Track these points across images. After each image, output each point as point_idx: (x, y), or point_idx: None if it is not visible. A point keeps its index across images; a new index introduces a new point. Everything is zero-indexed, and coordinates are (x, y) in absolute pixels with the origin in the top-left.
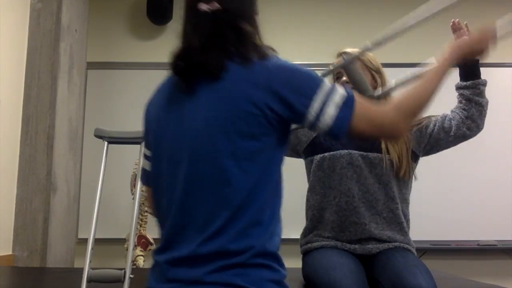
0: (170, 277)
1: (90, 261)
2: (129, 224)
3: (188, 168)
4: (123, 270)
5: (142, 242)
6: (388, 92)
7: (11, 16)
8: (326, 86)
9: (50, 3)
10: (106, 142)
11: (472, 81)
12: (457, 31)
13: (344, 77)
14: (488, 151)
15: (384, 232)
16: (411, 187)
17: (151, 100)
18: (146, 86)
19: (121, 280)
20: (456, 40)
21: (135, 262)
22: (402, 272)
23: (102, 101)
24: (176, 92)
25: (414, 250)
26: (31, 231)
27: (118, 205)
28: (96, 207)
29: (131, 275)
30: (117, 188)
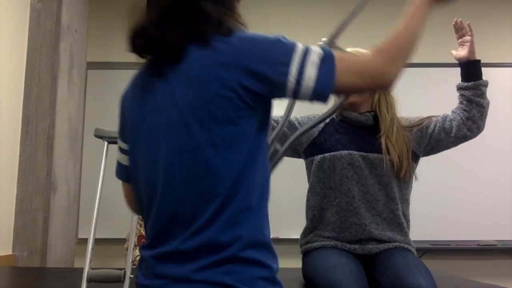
0: (158, 273)
1: (90, 261)
2: (129, 224)
3: (167, 162)
4: (123, 270)
5: (142, 242)
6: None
7: (11, 16)
8: (300, 48)
9: (50, 3)
10: (106, 142)
11: (474, 82)
12: (460, 31)
13: None
14: (488, 151)
15: (385, 233)
16: (412, 187)
17: (126, 91)
18: None
19: (121, 280)
20: (458, 40)
21: (135, 262)
22: (402, 272)
23: (102, 101)
24: (148, 79)
25: (414, 250)
26: (31, 231)
27: (118, 205)
28: (96, 207)
29: (131, 275)
30: (117, 188)
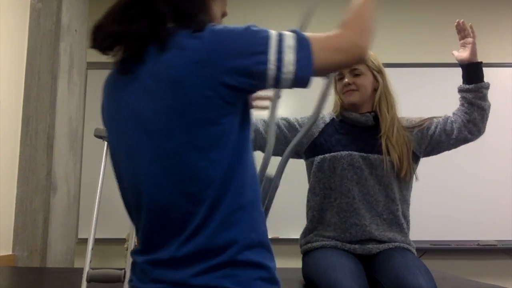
0: (155, 277)
1: (90, 261)
2: (129, 224)
3: (150, 170)
4: (123, 270)
5: None
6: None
7: (11, 16)
8: (274, 34)
9: (50, 3)
10: (106, 142)
11: (475, 85)
12: (462, 32)
13: (347, 79)
14: (488, 151)
15: (385, 234)
16: (412, 188)
17: (102, 92)
18: None
19: (121, 280)
20: (460, 41)
21: None
22: (402, 272)
23: None
24: (121, 80)
25: (414, 250)
26: (31, 231)
27: (118, 205)
28: (96, 207)
29: None
30: (117, 188)
